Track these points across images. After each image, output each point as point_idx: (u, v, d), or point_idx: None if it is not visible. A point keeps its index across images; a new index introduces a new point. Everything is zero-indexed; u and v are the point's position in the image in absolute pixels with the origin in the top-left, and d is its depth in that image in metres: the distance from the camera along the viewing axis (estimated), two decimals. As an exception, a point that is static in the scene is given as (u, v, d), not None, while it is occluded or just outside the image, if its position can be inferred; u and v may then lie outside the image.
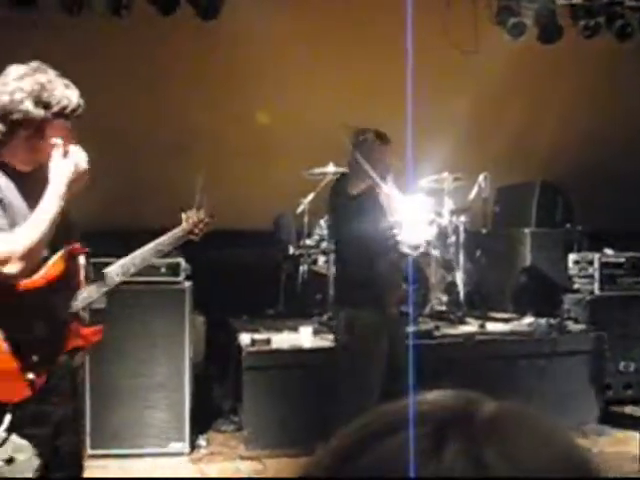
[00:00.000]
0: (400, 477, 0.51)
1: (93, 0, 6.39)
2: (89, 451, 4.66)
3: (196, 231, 2.97)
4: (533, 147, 7.65)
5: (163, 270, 4.74)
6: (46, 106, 2.32)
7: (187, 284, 4.85)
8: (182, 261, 4.81)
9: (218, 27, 6.61)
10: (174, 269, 4.78)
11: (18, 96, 2.29)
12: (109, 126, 6.34)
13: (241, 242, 6.99)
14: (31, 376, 2.35)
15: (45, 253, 2.38)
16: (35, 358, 2.36)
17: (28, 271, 2.31)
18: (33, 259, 2.30)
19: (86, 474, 2.79)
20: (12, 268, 2.24)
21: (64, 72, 2.44)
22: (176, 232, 2.89)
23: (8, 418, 2.31)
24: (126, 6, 6.49)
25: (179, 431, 4.78)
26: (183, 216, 2.96)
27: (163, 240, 2.83)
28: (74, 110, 2.38)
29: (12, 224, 2.32)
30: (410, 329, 5.45)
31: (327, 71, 6.96)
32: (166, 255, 4.87)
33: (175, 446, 4.76)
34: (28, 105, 2.29)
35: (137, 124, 6.81)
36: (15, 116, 2.30)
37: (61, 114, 2.36)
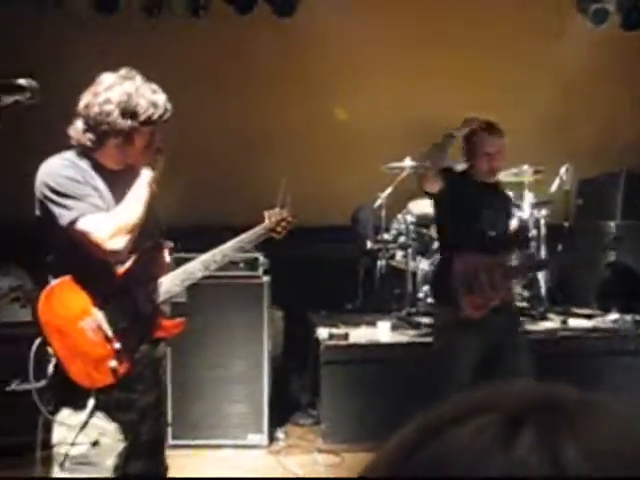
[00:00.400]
0: (467, 469, 0.48)
1: (172, 2, 6.55)
2: (170, 441, 4.78)
3: (278, 229, 2.98)
4: (617, 137, 7.40)
5: (242, 265, 4.82)
6: (133, 116, 2.41)
7: (265, 278, 4.90)
8: (260, 256, 4.88)
9: (294, 25, 6.66)
10: (252, 264, 4.85)
11: (107, 108, 2.39)
12: (190, 126, 6.46)
13: (319, 237, 7.02)
14: (114, 364, 2.44)
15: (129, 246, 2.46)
16: (118, 346, 2.45)
17: (127, 252, 2.42)
18: (131, 239, 2.39)
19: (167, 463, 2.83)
20: (118, 243, 2.35)
21: (145, 73, 2.51)
22: (258, 230, 2.91)
23: (91, 403, 2.41)
24: (204, 7, 6.62)
25: (258, 423, 4.84)
26: (266, 214, 2.98)
27: (245, 237, 2.85)
28: (161, 116, 2.46)
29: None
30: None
31: (403, 66, 6.92)
32: (245, 251, 4.98)
33: (254, 438, 4.83)
34: (116, 117, 2.39)
35: (217, 123, 6.92)
36: (104, 127, 2.40)
37: (148, 122, 2.44)
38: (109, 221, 2.36)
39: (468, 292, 3.75)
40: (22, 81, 2.04)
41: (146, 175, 2.51)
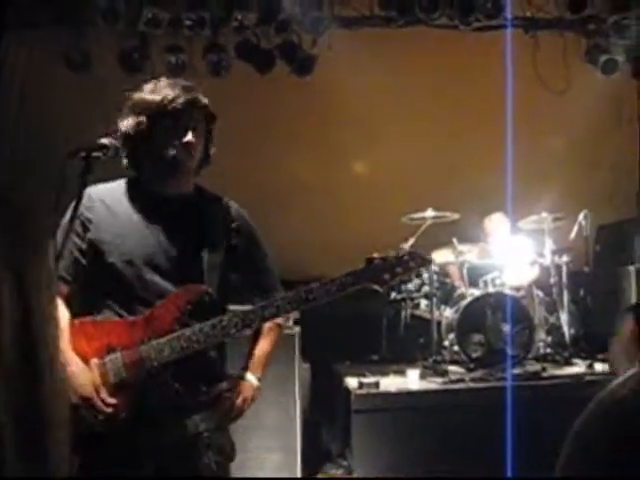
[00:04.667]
0: None
1: (194, 62, 6.77)
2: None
3: (386, 277, 2.25)
4: (633, 183, 7.50)
5: (273, 316, 4.87)
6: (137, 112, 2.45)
7: (296, 329, 4.97)
8: (290, 307, 4.93)
9: (312, 83, 6.84)
10: (283, 315, 4.90)
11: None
12: (209, 182, 6.59)
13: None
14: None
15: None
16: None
17: None
18: None
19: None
20: None
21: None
22: (336, 280, 2.21)
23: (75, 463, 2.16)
24: (225, 67, 6.82)
25: (291, 473, 4.82)
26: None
27: (319, 286, 2.23)
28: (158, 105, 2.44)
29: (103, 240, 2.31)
30: (514, 371, 5.40)
31: (420, 117, 7.08)
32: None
33: (288, 488, 4.82)
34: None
35: (235, 180, 6.98)
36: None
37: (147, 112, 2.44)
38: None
39: None
40: (105, 140, 2.21)
41: None
